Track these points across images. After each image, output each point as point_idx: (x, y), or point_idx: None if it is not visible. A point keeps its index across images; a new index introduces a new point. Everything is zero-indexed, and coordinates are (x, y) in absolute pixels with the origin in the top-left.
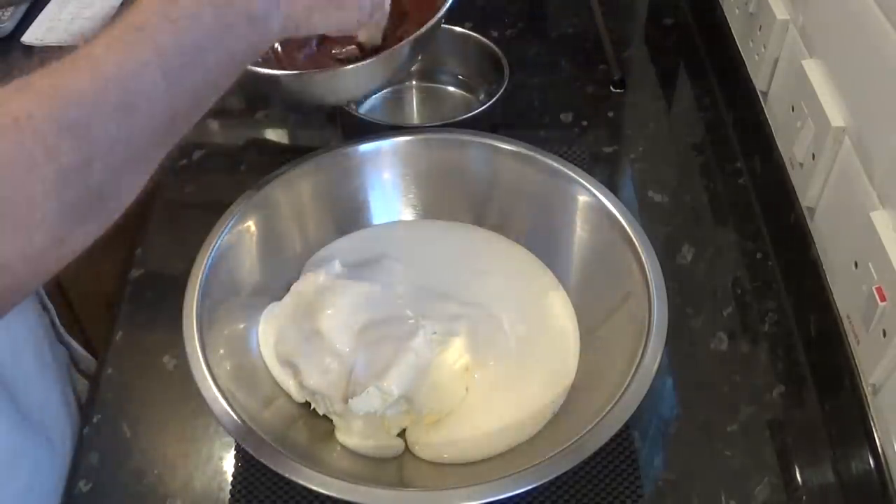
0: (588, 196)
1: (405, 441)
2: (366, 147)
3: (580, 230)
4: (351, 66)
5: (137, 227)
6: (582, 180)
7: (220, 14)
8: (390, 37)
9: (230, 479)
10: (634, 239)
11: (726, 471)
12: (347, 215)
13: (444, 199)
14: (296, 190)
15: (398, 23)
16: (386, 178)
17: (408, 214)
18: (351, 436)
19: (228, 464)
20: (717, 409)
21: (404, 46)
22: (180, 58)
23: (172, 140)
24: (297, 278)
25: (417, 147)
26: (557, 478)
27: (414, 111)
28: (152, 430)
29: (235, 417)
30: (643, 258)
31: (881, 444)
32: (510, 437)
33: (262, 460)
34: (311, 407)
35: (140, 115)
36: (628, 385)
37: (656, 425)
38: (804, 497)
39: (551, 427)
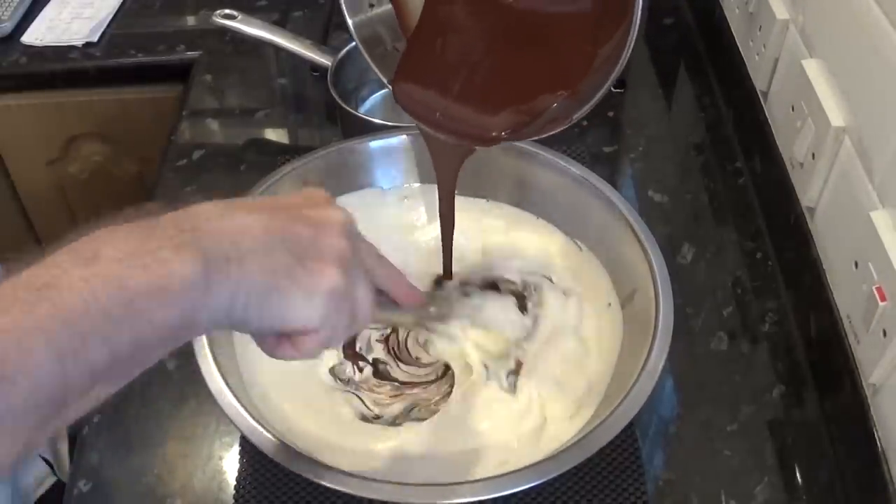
0: (594, 195)
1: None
2: (370, 145)
3: (585, 228)
4: None
5: None
6: (589, 178)
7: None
8: None
9: (230, 479)
10: (642, 238)
11: (726, 471)
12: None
13: None
14: (297, 189)
15: None
16: (389, 176)
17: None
18: None
19: (228, 464)
20: (717, 409)
21: None
22: (88, 326)
23: (69, 416)
24: None
25: (422, 145)
26: (561, 475)
27: None
28: (152, 430)
29: (243, 412)
30: (651, 258)
31: (881, 444)
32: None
33: (270, 455)
34: None
35: (18, 388)
36: (634, 384)
37: (657, 425)
38: (804, 497)
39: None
